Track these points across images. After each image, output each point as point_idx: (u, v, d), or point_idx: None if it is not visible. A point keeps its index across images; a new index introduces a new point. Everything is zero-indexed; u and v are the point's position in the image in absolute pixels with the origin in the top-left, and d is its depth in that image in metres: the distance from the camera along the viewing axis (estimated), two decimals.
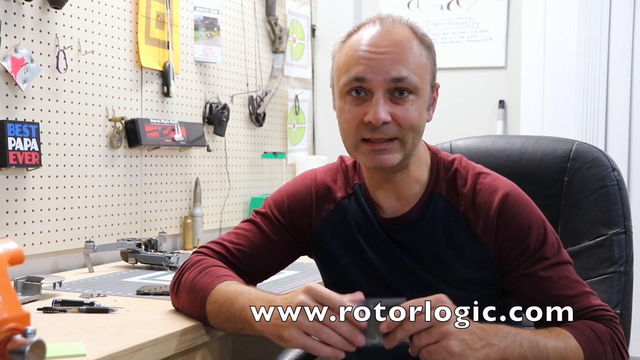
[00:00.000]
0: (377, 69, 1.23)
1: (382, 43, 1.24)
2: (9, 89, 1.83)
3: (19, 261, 0.98)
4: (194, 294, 1.31)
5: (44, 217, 1.94)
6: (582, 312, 1.25)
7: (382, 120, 1.22)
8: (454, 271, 1.30)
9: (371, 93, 1.24)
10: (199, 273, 1.32)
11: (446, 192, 1.33)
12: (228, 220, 2.71)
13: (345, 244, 1.37)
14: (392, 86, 1.23)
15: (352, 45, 1.27)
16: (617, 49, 3.02)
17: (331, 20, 3.36)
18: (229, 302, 1.23)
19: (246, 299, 1.21)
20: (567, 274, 1.28)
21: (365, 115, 1.23)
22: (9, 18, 1.82)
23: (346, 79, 1.26)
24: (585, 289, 1.28)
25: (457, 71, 3.22)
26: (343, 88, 1.27)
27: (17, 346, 0.89)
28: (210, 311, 1.27)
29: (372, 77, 1.23)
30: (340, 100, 1.29)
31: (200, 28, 2.56)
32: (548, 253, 1.27)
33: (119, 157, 2.20)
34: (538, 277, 1.26)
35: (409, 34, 1.27)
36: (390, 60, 1.23)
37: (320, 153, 3.35)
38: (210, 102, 2.60)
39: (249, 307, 1.19)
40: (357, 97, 1.25)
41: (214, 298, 1.26)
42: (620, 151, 2.99)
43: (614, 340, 1.24)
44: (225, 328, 1.29)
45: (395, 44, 1.24)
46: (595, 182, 1.54)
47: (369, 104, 1.24)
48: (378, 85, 1.23)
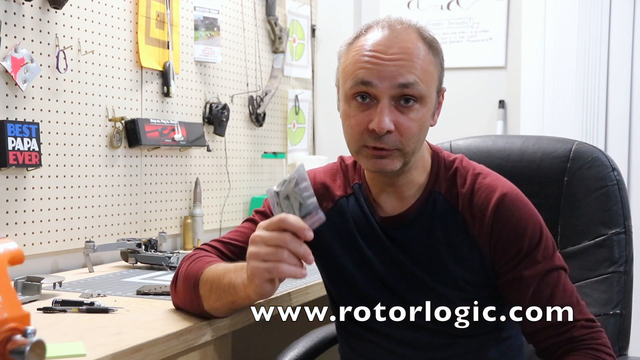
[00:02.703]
0: (383, 74, 1.22)
1: (390, 49, 1.23)
2: (9, 89, 1.83)
3: (19, 261, 0.98)
4: (187, 281, 1.33)
5: (44, 217, 1.94)
6: (563, 330, 1.24)
7: (386, 129, 1.22)
8: (451, 271, 1.30)
9: (377, 99, 1.24)
10: (190, 263, 1.35)
11: (445, 192, 1.32)
12: (228, 220, 2.71)
13: (343, 243, 1.37)
14: (398, 93, 1.23)
15: (359, 49, 1.26)
16: (617, 49, 3.02)
17: (331, 20, 3.36)
18: (217, 280, 1.27)
19: (232, 274, 1.24)
20: (556, 282, 1.26)
21: (369, 122, 1.23)
22: (9, 18, 1.82)
23: (352, 83, 1.25)
24: (571, 300, 1.26)
25: (457, 71, 3.21)
26: (349, 91, 1.26)
27: (17, 346, 0.89)
28: (203, 294, 1.30)
29: (378, 83, 1.22)
30: (345, 104, 1.29)
31: (200, 28, 2.56)
32: (540, 257, 1.26)
33: (119, 157, 2.20)
34: (526, 282, 1.25)
35: (417, 39, 1.26)
36: (397, 67, 1.22)
37: (320, 153, 3.35)
38: (210, 102, 2.60)
39: (234, 281, 1.22)
40: (363, 103, 1.25)
41: (204, 280, 1.29)
42: (620, 151, 2.99)
43: None
44: (219, 308, 1.31)
45: (404, 51, 1.23)
46: (595, 182, 1.54)
47: (374, 111, 1.23)
48: (384, 92, 1.23)
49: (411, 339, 1.33)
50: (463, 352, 1.33)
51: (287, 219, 1.13)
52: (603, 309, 1.46)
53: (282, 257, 1.13)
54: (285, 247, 1.13)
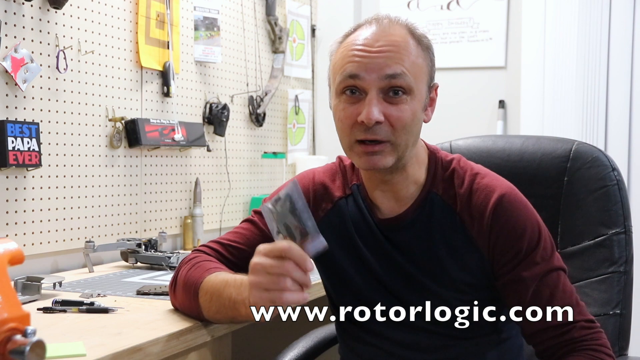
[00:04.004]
0: (370, 66, 1.23)
1: (377, 42, 1.24)
2: (9, 89, 1.83)
3: (19, 261, 0.98)
4: (187, 288, 1.33)
5: (44, 217, 1.94)
6: (562, 331, 1.24)
7: (375, 120, 1.21)
8: (450, 273, 1.29)
9: (365, 92, 1.24)
10: (190, 268, 1.34)
11: (443, 192, 1.32)
12: (228, 220, 2.71)
13: (342, 243, 1.36)
14: (386, 84, 1.23)
15: (347, 45, 1.27)
16: (617, 49, 3.02)
17: (331, 20, 3.36)
18: (217, 292, 1.25)
19: (232, 288, 1.22)
20: (556, 282, 1.26)
21: (358, 115, 1.23)
22: (9, 18, 1.82)
23: (340, 77, 1.26)
24: (571, 300, 1.26)
25: (457, 71, 3.22)
26: (338, 86, 1.27)
27: (17, 346, 0.89)
28: (203, 304, 1.29)
29: (366, 75, 1.23)
30: (335, 99, 1.29)
31: (200, 28, 2.56)
32: (538, 258, 1.25)
33: (119, 157, 2.20)
34: (525, 284, 1.25)
35: (405, 34, 1.27)
36: (384, 58, 1.23)
37: (320, 153, 3.35)
38: (210, 102, 2.61)
39: (234, 297, 1.21)
40: (352, 97, 1.25)
41: (204, 290, 1.28)
42: (620, 151, 2.99)
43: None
44: (220, 320, 1.31)
45: (391, 43, 1.24)
46: (595, 182, 1.54)
47: (362, 104, 1.24)
48: (372, 84, 1.23)
49: (411, 341, 1.33)
50: (462, 354, 1.32)
51: (290, 250, 1.09)
52: (603, 309, 1.46)
53: (284, 286, 1.10)
54: (287, 276, 1.10)
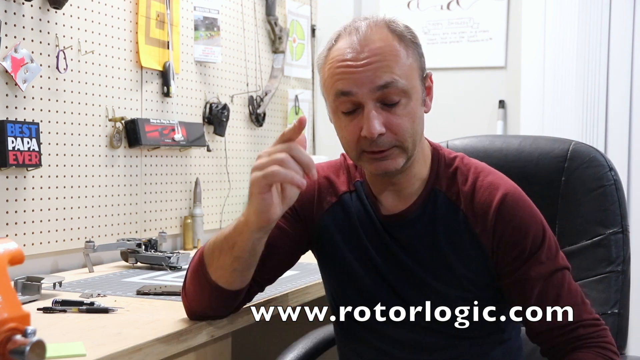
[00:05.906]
0: (360, 80, 1.22)
1: (361, 54, 1.22)
2: (9, 89, 1.83)
3: (19, 261, 0.98)
4: (194, 264, 1.29)
5: (44, 217, 1.95)
6: (569, 329, 1.25)
7: (377, 133, 1.21)
8: (453, 270, 1.29)
9: (361, 106, 1.23)
10: (194, 259, 1.32)
11: (446, 189, 1.32)
12: (228, 220, 2.71)
13: (347, 237, 1.36)
14: (379, 95, 1.22)
15: (332, 61, 1.25)
16: (617, 49, 3.01)
17: (331, 20, 3.35)
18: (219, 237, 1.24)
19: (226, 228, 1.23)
20: (561, 282, 1.26)
21: (361, 130, 1.23)
22: (9, 18, 1.83)
23: (333, 96, 1.25)
24: (577, 299, 1.26)
25: (457, 71, 3.22)
26: (333, 105, 1.27)
27: (17, 346, 0.89)
28: (208, 261, 1.26)
29: (358, 90, 1.22)
30: (334, 117, 1.29)
31: (200, 28, 2.57)
32: (544, 257, 1.26)
33: (119, 157, 2.21)
34: (531, 283, 1.25)
35: (387, 36, 1.24)
36: (373, 70, 1.21)
37: (320, 153, 3.36)
38: (210, 102, 2.61)
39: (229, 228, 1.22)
40: (349, 114, 1.25)
41: (208, 247, 1.27)
42: (620, 151, 2.99)
43: None
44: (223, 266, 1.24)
45: (375, 52, 1.22)
46: (592, 182, 1.54)
47: (362, 117, 1.23)
48: (365, 96, 1.22)
49: (411, 341, 1.33)
50: (465, 353, 1.32)
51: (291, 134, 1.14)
52: (601, 308, 1.46)
53: (279, 159, 1.11)
54: (286, 152, 1.11)
